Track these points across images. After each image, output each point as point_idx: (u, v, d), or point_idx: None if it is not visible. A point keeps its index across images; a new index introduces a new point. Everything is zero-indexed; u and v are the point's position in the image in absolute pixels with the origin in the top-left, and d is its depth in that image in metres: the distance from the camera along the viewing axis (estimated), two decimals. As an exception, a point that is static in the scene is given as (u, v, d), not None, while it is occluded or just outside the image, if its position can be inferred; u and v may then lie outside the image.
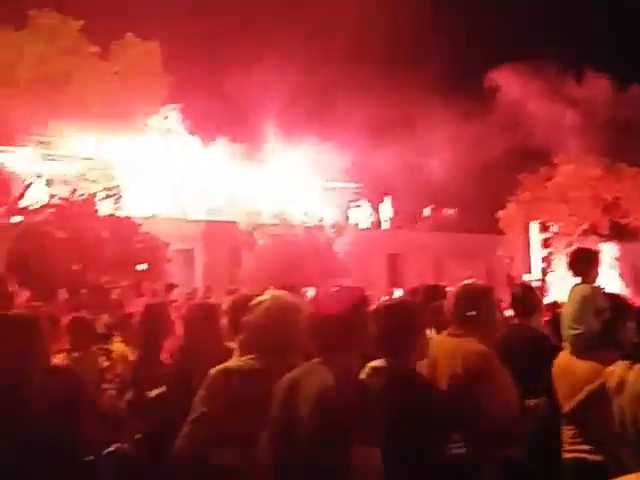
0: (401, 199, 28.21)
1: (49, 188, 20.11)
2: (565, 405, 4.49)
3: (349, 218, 27.74)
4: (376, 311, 3.01)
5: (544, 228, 26.27)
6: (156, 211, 23.57)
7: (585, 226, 27.45)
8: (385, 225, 28.95)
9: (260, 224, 23.15)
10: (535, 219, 26.67)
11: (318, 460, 2.65)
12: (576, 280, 5.04)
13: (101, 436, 4.53)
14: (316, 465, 2.66)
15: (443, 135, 25.68)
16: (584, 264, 5.13)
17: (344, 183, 26.91)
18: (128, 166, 21.76)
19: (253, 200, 23.83)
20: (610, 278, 19.64)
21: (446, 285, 6.47)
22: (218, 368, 3.54)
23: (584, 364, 4.47)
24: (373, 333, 2.98)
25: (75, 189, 19.37)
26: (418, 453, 3.04)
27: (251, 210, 23.58)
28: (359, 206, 28.36)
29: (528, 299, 5.13)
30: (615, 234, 27.00)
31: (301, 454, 2.70)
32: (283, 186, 24.13)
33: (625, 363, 4.03)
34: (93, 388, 4.65)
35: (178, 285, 14.36)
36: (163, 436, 3.97)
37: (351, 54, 25.45)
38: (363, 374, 3.33)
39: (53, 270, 15.63)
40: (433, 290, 5.85)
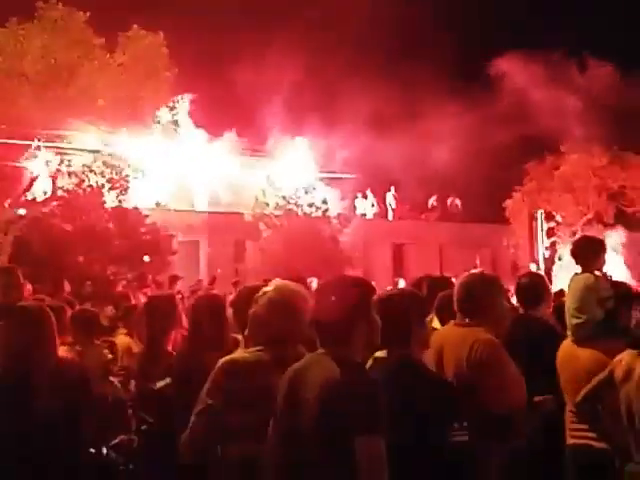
0: (406, 189, 28.16)
1: (55, 180, 20.14)
2: (568, 394, 4.49)
3: (355, 209, 27.72)
4: (375, 301, 3.01)
5: (549, 217, 26.17)
6: (162, 203, 23.63)
7: (590, 215, 27.33)
8: (390, 215, 28.92)
9: (265, 215, 23.15)
10: (540, 208, 26.58)
11: (322, 451, 2.65)
12: (579, 269, 5.03)
13: (105, 428, 4.55)
14: (320, 456, 2.66)
15: (448, 124, 25.56)
16: (589, 253, 5.09)
17: (349, 174, 26.86)
18: (134, 158, 21.75)
19: (258, 191, 23.80)
20: (616, 264, 19.56)
21: (450, 276, 6.48)
22: (224, 360, 3.55)
23: (587, 353, 4.47)
24: (379, 323, 2.98)
25: (82, 181, 19.41)
26: (420, 441, 3.04)
27: (256, 201, 23.57)
28: (364, 197, 28.34)
29: (537, 288, 5.06)
30: (621, 222, 26.83)
31: (305, 445, 2.70)
32: (288, 177, 24.08)
33: (633, 352, 4.04)
34: (98, 381, 4.66)
35: (182, 277, 14.36)
36: (168, 428, 3.99)
37: (355, 43, 25.38)
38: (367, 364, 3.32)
39: (59, 262, 15.68)
40: (437, 281, 5.83)
